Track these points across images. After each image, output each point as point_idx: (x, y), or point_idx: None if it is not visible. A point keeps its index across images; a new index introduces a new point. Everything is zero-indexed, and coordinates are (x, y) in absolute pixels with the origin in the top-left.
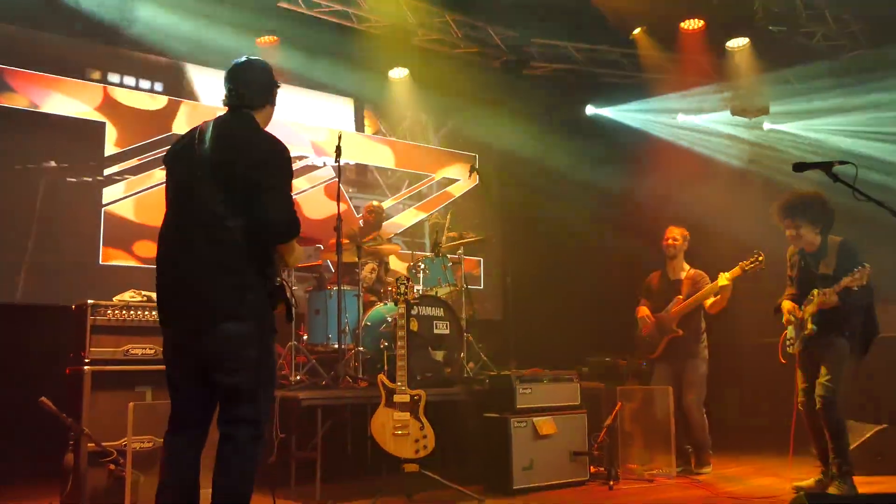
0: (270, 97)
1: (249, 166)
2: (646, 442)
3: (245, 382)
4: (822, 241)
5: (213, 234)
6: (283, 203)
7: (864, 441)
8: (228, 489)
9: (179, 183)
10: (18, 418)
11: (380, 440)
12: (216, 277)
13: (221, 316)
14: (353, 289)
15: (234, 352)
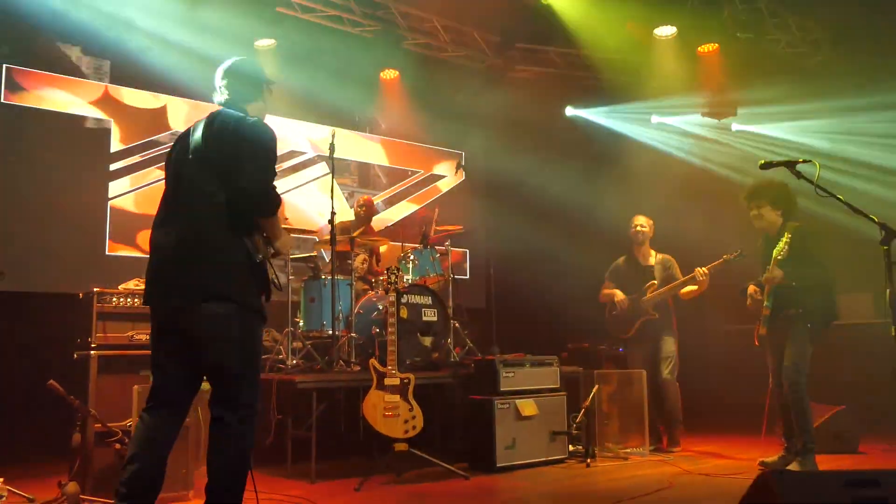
0: (258, 93)
1: (233, 143)
2: (621, 422)
3: (229, 363)
4: (782, 225)
5: (200, 214)
6: (261, 174)
7: (824, 421)
8: (222, 471)
9: (172, 173)
10: (29, 400)
11: (371, 421)
12: (202, 257)
13: (206, 295)
14: (347, 278)
15: (217, 332)
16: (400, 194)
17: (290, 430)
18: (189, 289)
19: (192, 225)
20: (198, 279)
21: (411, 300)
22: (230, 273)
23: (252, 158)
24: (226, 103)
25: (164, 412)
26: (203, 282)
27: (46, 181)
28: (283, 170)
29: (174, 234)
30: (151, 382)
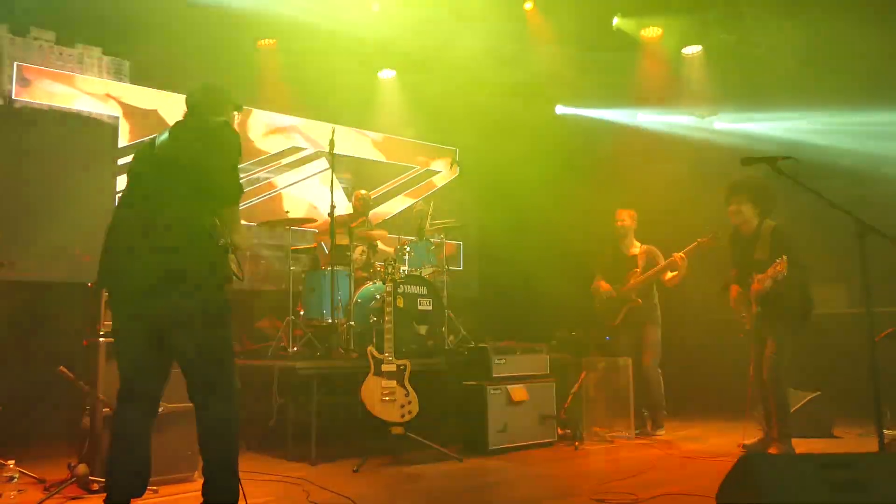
0: (223, 109)
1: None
2: (607, 407)
3: (204, 352)
4: (758, 225)
5: (167, 208)
6: (225, 163)
7: (800, 407)
8: (216, 449)
9: (136, 170)
10: (40, 386)
11: (369, 405)
12: (167, 250)
13: (172, 287)
14: (346, 269)
15: (186, 322)
16: (397, 189)
17: (291, 415)
18: (157, 279)
19: (158, 216)
20: (165, 269)
21: (407, 290)
22: (196, 262)
23: (218, 148)
24: (190, 113)
25: (136, 406)
26: (170, 273)
27: (57, 175)
28: (285, 165)
29: (141, 226)
30: (120, 377)
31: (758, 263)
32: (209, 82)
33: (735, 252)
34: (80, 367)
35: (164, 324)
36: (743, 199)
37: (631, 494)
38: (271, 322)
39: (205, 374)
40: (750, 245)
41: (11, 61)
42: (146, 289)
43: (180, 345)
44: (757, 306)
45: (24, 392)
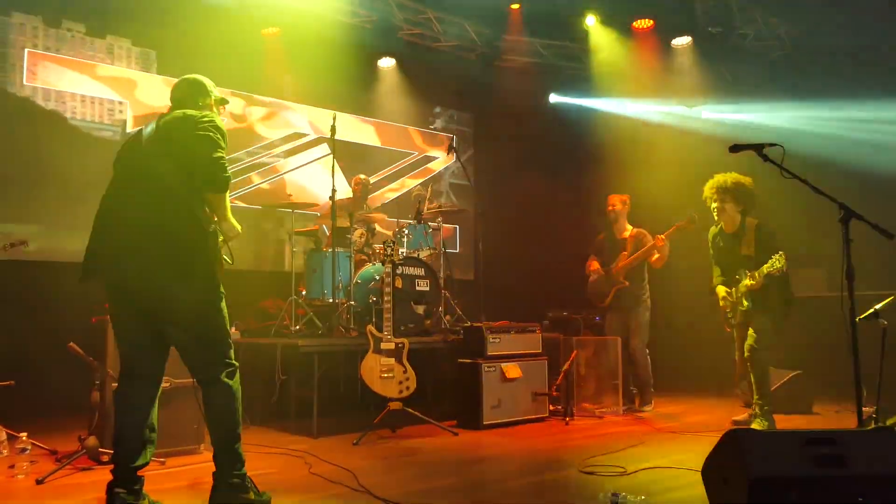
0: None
1: (184, 128)
2: (597, 385)
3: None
4: (741, 222)
5: (154, 195)
6: (213, 150)
7: (781, 385)
8: (218, 421)
9: (123, 161)
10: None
11: (368, 382)
12: (157, 237)
13: (163, 273)
14: (346, 251)
15: (178, 307)
16: (395, 174)
17: (293, 390)
18: (147, 265)
19: (146, 203)
20: (155, 256)
21: (406, 271)
22: (185, 248)
23: (204, 137)
24: (175, 106)
25: (138, 384)
26: (160, 259)
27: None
28: (288, 150)
29: (129, 213)
30: (120, 359)
31: (745, 260)
32: (193, 76)
33: (718, 250)
34: (89, 343)
35: (155, 309)
36: (727, 197)
37: (619, 467)
38: (274, 302)
39: (201, 357)
40: (734, 242)
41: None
42: (135, 276)
43: (173, 330)
44: (747, 302)
45: (37, 367)
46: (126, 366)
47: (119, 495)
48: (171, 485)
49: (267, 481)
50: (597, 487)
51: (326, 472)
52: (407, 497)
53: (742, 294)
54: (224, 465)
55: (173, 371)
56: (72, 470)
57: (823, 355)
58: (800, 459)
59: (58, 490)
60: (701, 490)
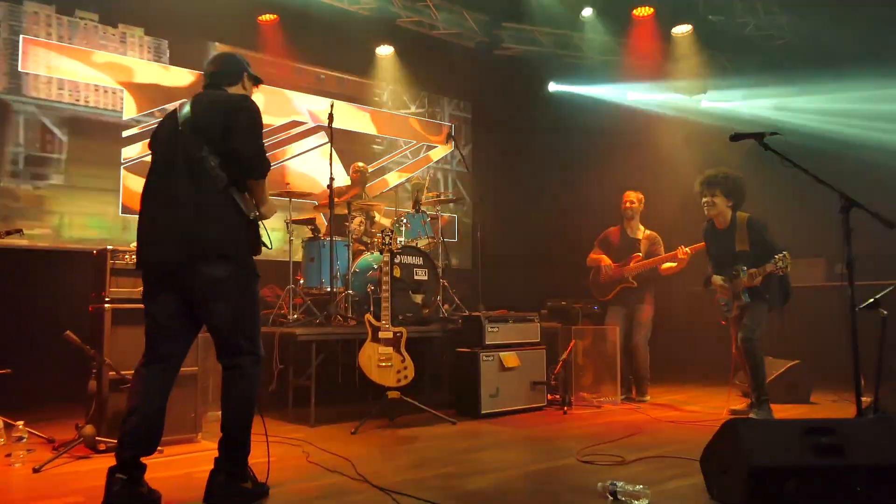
0: (238, 78)
1: (224, 111)
2: (595, 374)
3: (232, 320)
4: (732, 217)
5: (195, 180)
6: (254, 138)
7: (779, 374)
8: (236, 408)
9: (164, 146)
10: (48, 349)
11: (366, 371)
12: (198, 218)
13: (204, 255)
14: (344, 239)
15: (217, 292)
16: (393, 162)
17: (291, 379)
18: (188, 249)
19: (187, 188)
20: (196, 240)
21: (404, 260)
22: (226, 232)
23: (244, 124)
24: (208, 85)
25: (159, 366)
26: (201, 243)
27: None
28: (285, 138)
29: (170, 197)
30: (147, 339)
31: (741, 255)
32: (225, 53)
33: (712, 245)
34: (86, 332)
35: (192, 292)
36: (716, 191)
37: (617, 457)
38: (272, 290)
39: (233, 340)
40: (727, 237)
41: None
42: (174, 258)
43: (209, 313)
44: (745, 297)
45: (33, 356)
46: (150, 347)
47: (118, 481)
48: (168, 473)
49: (265, 470)
50: (595, 476)
51: (324, 461)
52: (404, 485)
53: (742, 289)
54: (229, 452)
55: None
56: (69, 459)
57: (822, 345)
58: (798, 449)
59: (54, 479)
60: (700, 479)
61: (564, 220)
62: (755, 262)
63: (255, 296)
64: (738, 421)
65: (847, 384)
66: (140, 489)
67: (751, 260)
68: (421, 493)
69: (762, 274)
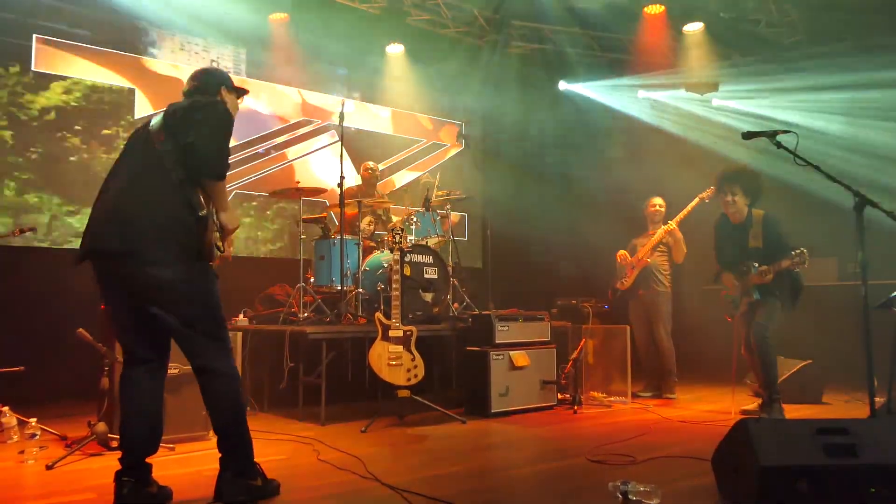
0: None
1: (187, 112)
2: (605, 373)
3: (187, 323)
4: (748, 214)
5: (149, 172)
6: (213, 135)
7: (791, 374)
8: (220, 409)
9: (128, 146)
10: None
11: (376, 369)
12: (139, 208)
13: (147, 259)
14: (355, 238)
15: (164, 296)
16: (404, 161)
17: (301, 377)
18: (125, 236)
19: (139, 179)
20: (133, 226)
21: (414, 259)
22: (167, 224)
23: (205, 120)
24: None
25: (142, 369)
26: (138, 229)
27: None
28: (296, 137)
29: (119, 188)
30: (118, 340)
31: (753, 252)
32: (205, 69)
33: (723, 240)
34: (98, 329)
35: (143, 294)
36: (737, 189)
37: (628, 456)
38: (282, 289)
39: (193, 343)
40: (741, 233)
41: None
42: (120, 258)
43: (163, 316)
44: (755, 294)
45: (46, 353)
46: (126, 350)
47: (126, 484)
48: (180, 471)
49: (275, 468)
50: (606, 476)
51: (334, 459)
52: (414, 484)
53: (753, 285)
54: (229, 451)
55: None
56: (81, 455)
57: (834, 345)
58: (810, 449)
59: (67, 475)
60: (711, 479)
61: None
62: (766, 260)
63: (210, 295)
64: (750, 420)
65: (860, 384)
66: (149, 489)
67: (761, 257)
68: (431, 492)
69: (775, 270)
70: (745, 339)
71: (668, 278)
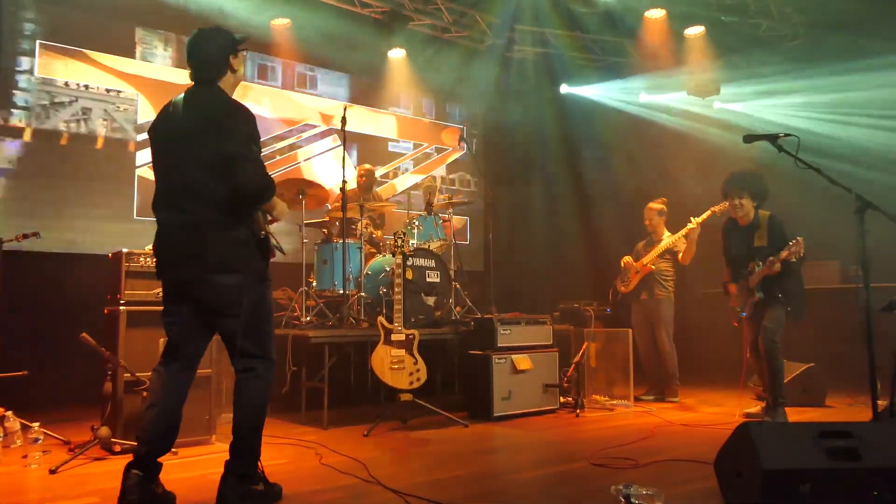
0: (225, 66)
1: (220, 139)
2: (608, 377)
3: (244, 325)
4: (755, 215)
5: (200, 199)
6: (255, 171)
7: (794, 377)
8: (248, 411)
9: (162, 154)
10: (64, 351)
11: (379, 373)
12: (208, 236)
13: (214, 269)
14: (357, 242)
15: (228, 300)
16: (406, 165)
17: (303, 381)
18: (200, 265)
19: (196, 209)
20: (207, 258)
21: (416, 263)
22: (236, 249)
23: (244, 157)
24: (198, 80)
25: (176, 366)
26: (212, 259)
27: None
28: (297, 141)
29: (180, 216)
30: (168, 341)
31: (758, 251)
32: (201, 34)
33: (731, 243)
34: (101, 334)
35: (205, 302)
36: (744, 193)
37: (630, 460)
38: (285, 293)
39: (244, 346)
40: (748, 234)
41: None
42: (183, 276)
43: (222, 320)
44: (759, 293)
45: (49, 358)
46: (171, 347)
47: (135, 476)
48: (183, 475)
49: (277, 472)
50: (608, 480)
51: (337, 463)
52: (417, 488)
53: (755, 285)
54: (239, 456)
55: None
56: (85, 460)
57: (837, 348)
58: (813, 452)
59: (70, 480)
60: (714, 483)
61: (577, 222)
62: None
63: (267, 302)
64: (753, 424)
65: (863, 387)
66: (155, 488)
67: (766, 256)
68: (434, 496)
69: (778, 261)
70: (751, 342)
71: (671, 283)
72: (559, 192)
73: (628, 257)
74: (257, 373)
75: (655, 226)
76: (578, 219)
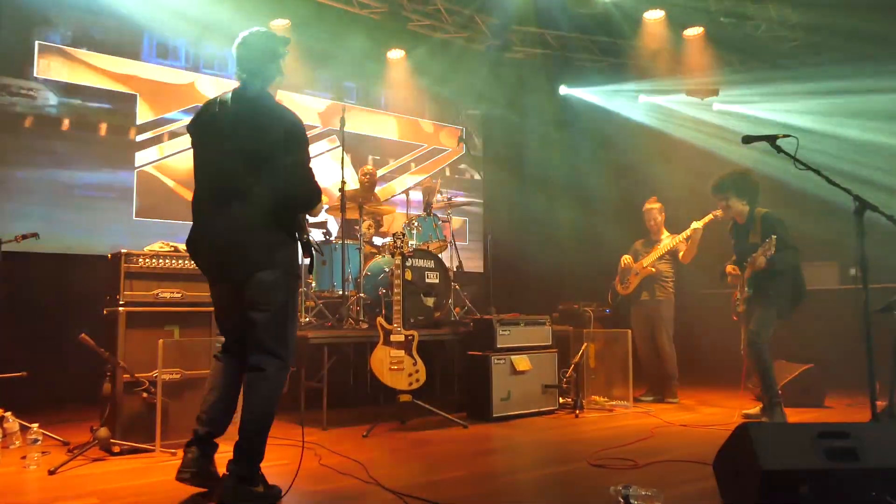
0: (276, 69)
1: (271, 143)
2: (607, 377)
3: (275, 320)
4: (750, 213)
5: (245, 202)
6: (304, 177)
7: (793, 378)
8: (255, 411)
9: (208, 155)
10: (63, 352)
11: (378, 374)
12: (251, 238)
13: (256, 268)
14: (356, 243)
15: (266, 294)
16: (405, 166)
17: (303, 382)
18: (243, 265)
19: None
20: (250, 256)
21: (415, 264)
22: (276, 249)
23: (293, 163)
24: (246, 82)
25: (228, 357)
26: (254, 258)
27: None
28: None
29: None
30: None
31: (752, 247)
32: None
33: (734, 240)
34: (101, 334)
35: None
36: (728, 194)
37: (629, 461)
38: None
39: (262, 338)
40: (745, 231)
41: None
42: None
43: (254, 310)
44: (749, 289)
45: (48, 358)
46: (227, 341)
47: (193, 451)
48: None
49: (276, 473)
50: (607, 480)
51: (336, 464)
52: (416, 489)
53: (746, 279)
54: (242, 455)
55: (185, 363)
56: (83, 461)
57: (836, 349)
58: (812, 452)
59: (69, 481)
60: (712, 483)
61: (576, 223)
62: None
63: (296, 302)
64: (751, 424)
65: (862, 388)
66: (211, 466)
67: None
68: (433, 497)
69: (757, 259)
70: (745, 339)
71: (671, 284)
72: (558, 193)
73: (627, 256)
74: (267, 373)
75: (659, 225)
76: (578, 219)
